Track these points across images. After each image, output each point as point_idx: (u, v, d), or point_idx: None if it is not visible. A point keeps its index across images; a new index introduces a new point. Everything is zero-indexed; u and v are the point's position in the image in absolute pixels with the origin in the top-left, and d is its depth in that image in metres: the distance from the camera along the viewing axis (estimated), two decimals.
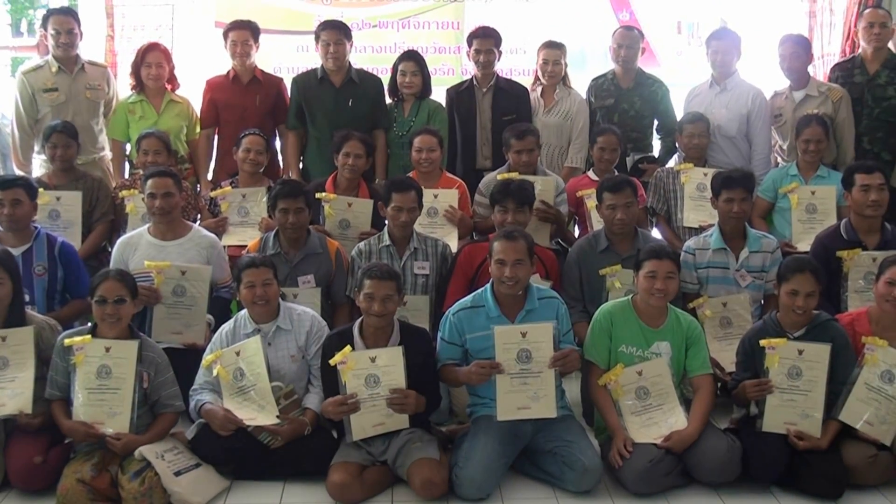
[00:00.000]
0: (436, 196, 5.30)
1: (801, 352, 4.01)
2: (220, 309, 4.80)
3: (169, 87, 5.96)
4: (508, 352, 3.96)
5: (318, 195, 5.14)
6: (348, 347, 3.96)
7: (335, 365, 3.94)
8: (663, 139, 6.16)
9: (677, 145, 5.82)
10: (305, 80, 5.91)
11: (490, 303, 4.10)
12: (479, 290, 4.20)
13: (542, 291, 4.22)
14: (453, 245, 5.13)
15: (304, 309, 4.32)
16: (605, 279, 4.74)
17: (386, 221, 4.94)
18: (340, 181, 5.37)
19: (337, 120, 5.75)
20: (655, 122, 6.16)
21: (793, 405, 4.01)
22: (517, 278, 4.03)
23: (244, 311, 4.28)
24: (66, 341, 3.97)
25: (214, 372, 4.12)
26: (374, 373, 3.96)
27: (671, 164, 5.97)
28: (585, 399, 4.51)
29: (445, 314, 4.21)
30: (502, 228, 4.32)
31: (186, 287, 4.64)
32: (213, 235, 4.95)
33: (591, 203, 5.23)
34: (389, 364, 3.96)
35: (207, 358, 4.18)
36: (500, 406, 3.96)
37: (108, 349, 3.95)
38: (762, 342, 4.05)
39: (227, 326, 4.29)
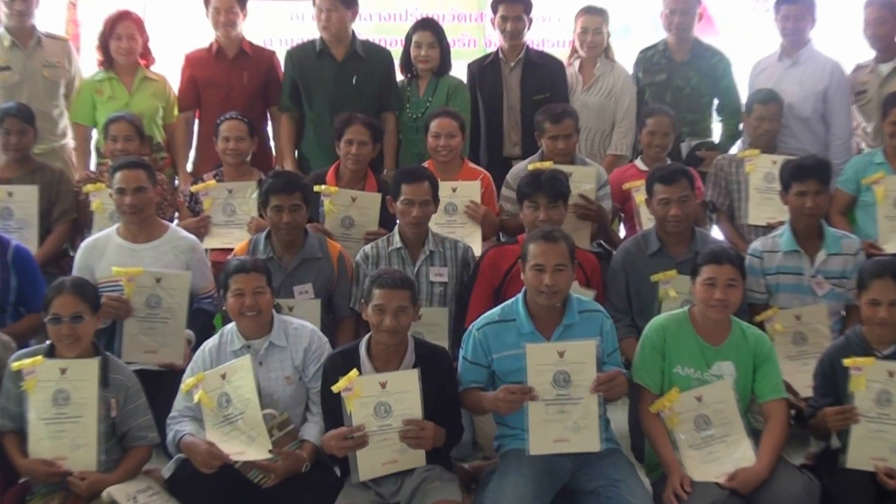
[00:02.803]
0: (455, 190, 5.32)
1: (892, 373, 3.97)
2: (202, 323, 4.80)
3: (142, 62, 6.01)
4: (543, 374, 3.94)
5: (316, 188, 5.17)
6: (354, 371, 3.95)
7: (339, 392, 3.94)
8: (725, 121, 6.17)
9: (742, 128, 5.82)
10: (301, 54, 5.93)
11: (522, 316, 4.10)
12: (509, 302, 4.19)
13: (584, 303, 4.20)
14: (476, 248, 5.14)
15: (301, 322, 4.34)
16: (657, 287, 4.73)
17: (397, 220, 4.96)
18: (343, 172, 5.40)
19: (338, 100, 5.78)
20: (715, 102, 6.17)
21: (882, 437, 3.96)
22: (557, 287, 4.03)
23: (231, 326, 4.28)
24: (14, 365, 3.97)
25: (196, 398, 4.10)
26: (384, 401, 3.95)
27: (734, 150, 5.96)
28: (634, 430, 4.50)
29: (468, 329, 4.20)
30: (538, 228, 4.32)
31: (162, 297, 4.63)
32: (193, 237, 4.96)
33: (639, 197, 5.22)
34: (403, 390, 3.95)
35: (188, 381, 4.16)
36: (532, 438, 3.93)
37: (63, 371, 3.96)
38: (845, 362, 4.01)
39: (210, 343, 4.27)
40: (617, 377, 3.98)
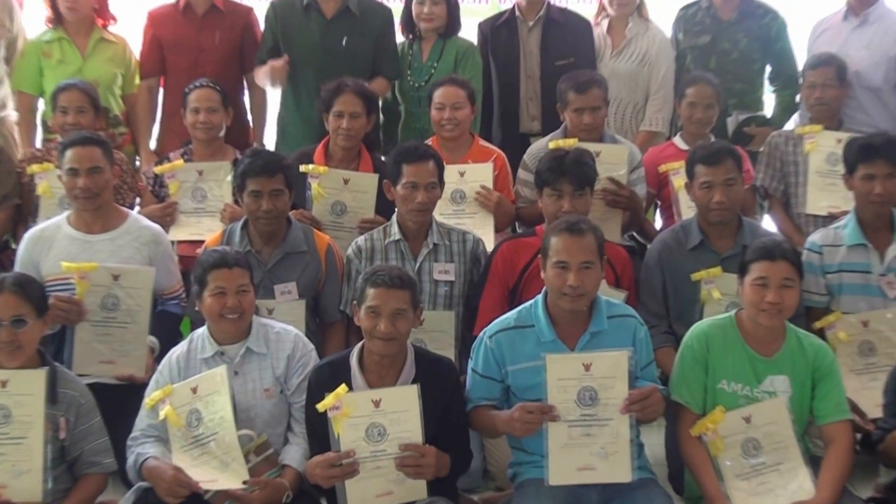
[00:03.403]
0: (463, 174, 5.34)
1: None
2: (167, 329, 4.83)
3: (99, 21, 5.99)
4: (566, 391, 3.93)
5: (302, 168, 5.20)
6: (343, 387, 3.93)
7: (325, 411, 3.94)
8: (779, 92, 6.19)
9: (799, 100, 5.82)
10: (285, 9, 5.94)
11: (542, 322, 4.09)
12: (527, 304, 4.19)
13: (614, 307, 4.19)
14: (488, 241, 5.14)
15: (283, 326, 4.36)
16: (699, 288, 4.74)
17: (396, 207, 4.95)
18: (333, 150, 5.43)
19: (327, 65, 5.81)
20: (768, 69, 6.18)
21: None
22: (584, 289, 4.01)
23: (201, 330, 4.30)
24: None
25: (161, 415, 4.10)
26: (378, 422, 3.93)
27: (790, 126, 5.97)
28: (672, 456, 4.49)
29: (479, 337, 4.21)
30: (561, 218, 4.31)
31: (120, 298, 4.63)
32: (157, 227, 4.97)
33: (678, 181, 5.25)
34: (400, 409, 3.93)
35: (153, 396, 4.16)
36: (552, 466, 3.91)
37: (3, 384, 3.94)
38: None
39: (177, 351, 4.29)
40: (652, 394, 3.95)
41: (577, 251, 4.03)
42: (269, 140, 6.27)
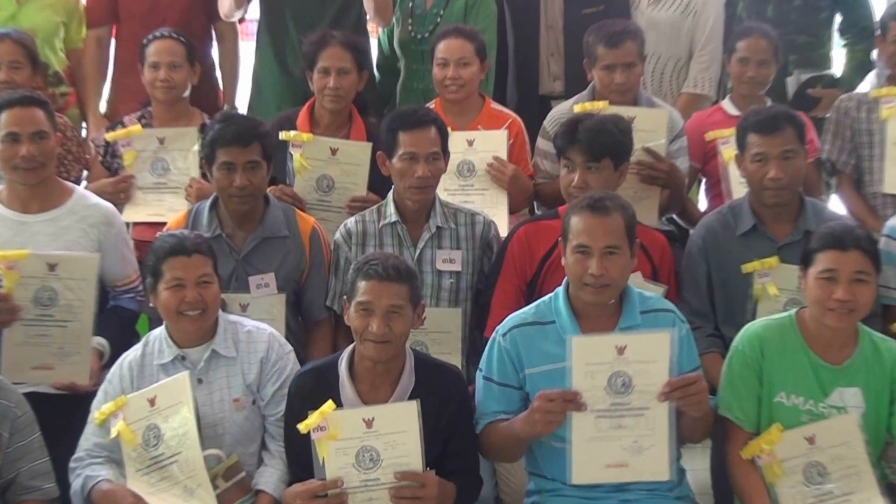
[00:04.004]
0: (472, 142, 5.33)
1: None
2: (121, 328, 4.84)
3: None
4: (594, 376, 3.91)
5: (283, 135, 5.23)
6: (329, 404, 3.91)
7: (308, 432, 3.93)
8: (850, 46, 6.22)
9: (875, 57, 5.82)
10: None
11: (564, 317, 4.09)
12: (547, 298, 4.19)
13: (649, 300, 4.20)
14: (502, 223, 5.16)
15: (255, 324, 4.37)
16: (751, 282, 4.73)
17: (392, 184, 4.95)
18: (319, 114, 5.47)
19: (308, 12, 5.86)
20: (837, 18, 6.19)
21: None
22: (608, 278, 3.99)
23: (159, 331, 4.30)
24: None
25: (113, 432, 4.10)
26: (371, 445, 3.92)
27: (864, 88, 5.97)
28: (720, 484, 4.47)
29: (492, 337, 4.20)
30: (584, 195, 4.28)
31: (58, 291, 4.60)
32: (108, 205, 4.96)
33: (727, 153, 5.23)
34: (397, 430, 3.92)
35: (103, 409, 4.16)
36: (576, 462, 3.93)
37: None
38: None
39: (130, 356, 4.29)
40: (697, 382, 3.92)
41: (600, 233, 4.02)
42: (243, 102, 6.32)
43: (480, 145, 5.32)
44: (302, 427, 3.90)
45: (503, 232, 5.04)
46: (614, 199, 4.15)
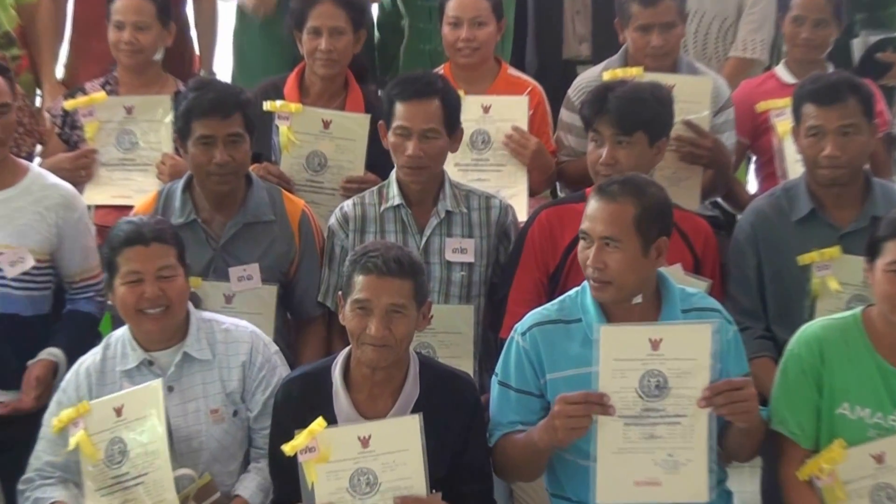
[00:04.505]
0: (488, 109, 5.34)
1: None
2: (80, 337, 4.78)
3: None
4: (624, 375, 3.88)
5: (268, 106, 5.24)
6: (319, 422, 3.90)
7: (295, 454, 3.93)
8: None
9: None
10: None
11: (591, 314, 4.09)
12: (573, 292, 4.20)
13: (690, 298, 4.20)
14: (521, 206, 5.20)
15: (235, 322, 4.39)
16: (809, 275, 4.73)
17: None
18: (310, 81, 5.49)
19: None
20: None
21: None
22: (608, 275, 4.00)
23: (121, 332, 4.32)
24: None
25: (72, 443, 4.09)
26: (367, 467, 3.91)
27: None
28: None
29: (509, 337, 4.20)
30: (601, 179, 4.38)
31: None
32: (69, 186, 4.96)
33: (782, 126, 5.23)
34: (397, 448, 3.91)
35: (62, 414, 4.16)
36: (601, 478, 3.90)
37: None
38: None
39: (87, 361, 4.31)
40: (744, 387, 3.88)
41: (598, 220, 4.03)
42: (223, 68, 6.36)
43: (498, 113, 5.32)
44: (287, 449, 3.89)
45: (522, 216, 5.06)
46: (632, 185, 4.12)
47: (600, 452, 3.89)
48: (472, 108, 5.17)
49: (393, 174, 4.92)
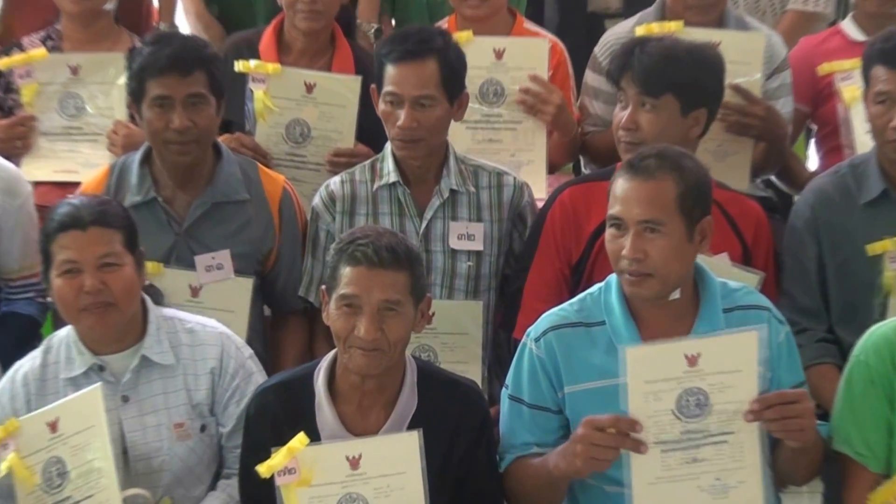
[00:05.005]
0: (501, 52, 5.32)
1: None
2: (19, 339, 4.83)
3: None
4: (659, 399, 3.83)
5: (240, 66, 5.25)
6: (300, 439, 3.84)
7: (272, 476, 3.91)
8: None
9: None
10: None
11: (617, 316, 4.05)
12: (595, 289, 4.17)
13: (735, 294, 4.15)
14: (539, 179, 5.23)
15: (200, 321, 4.39)
16: (879, 268, 4.70)
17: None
18: (290, 37, 5.50)
19: None
20: None
21: None
22: (649, 266, 3.93)
23: (66, 332, 4.30)
24: None
25: (3, 468, 4.05)
26: (357, 491, 3.86)
27: None
28: None
29: (521, 344, 4.16)
30: (624, 148, 4.45)
31: None
32: (11, 166, 5.05)
33: (848, 91, 5.21)
34: (392, 470, 3.87)
35: None
36: None
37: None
38: None
39: (25, 367, 4.30)
40: (800, 400, 3.82)
41: (634, 202, 3.97)
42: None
43: (513, 59, 5.30)
44: (263, 470, 3.86)
45: (539, 193, 5.06)
46: (669, 158, 4.08)
47: (636, 484, 3.85)
48: (482, 53, 5.18)
49: (387, 148, 4.92)
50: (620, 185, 3.99)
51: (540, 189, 5.09)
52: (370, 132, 5.17)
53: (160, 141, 4.73)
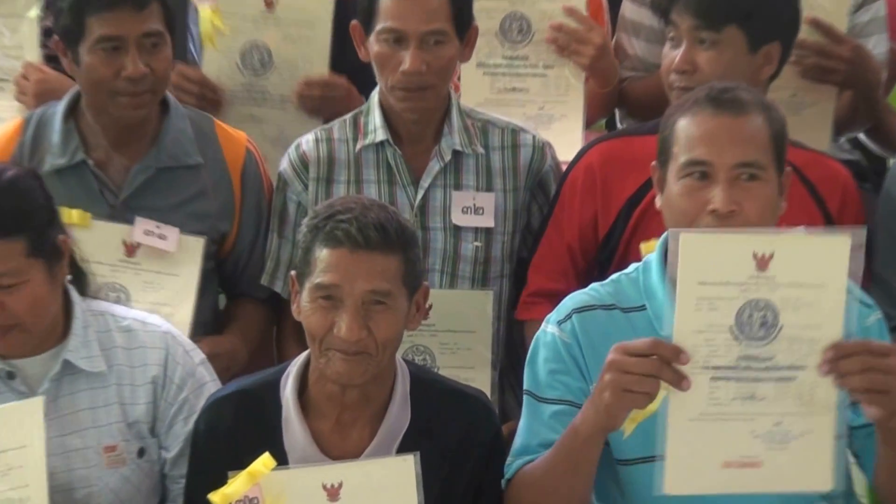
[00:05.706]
0: None
1: None
2: None
3: None
4: (714, 307, 3.64)
5: None
6: (265, 460, 3.77)
7: None
8: None
9: None
10: None
11: (661, 298, 3.97)
12: (632, 269, 4.15)
13: None
14: (574, 140, 5.20)
15: (140, 317, 4.37)
16: None
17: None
18: None
19: None
20: None
21: None
22: (745, 217, 3.87)
23: None
24: None
25: None
26: None
27: None
28: None
29: (540, 331, 4.13)
30: (703, 86, 4.16)
31: None
32: None
33: None
34: (381, 501, 3.85)
35: None
36: (671, 458, 3.67)
37: None
38: None
39: None
40: (890, 354, 3.62)
41: (728, 141, 3.88)
42: None
43: None
44: (217, 499, 3.80)
45: (572, 154, 4.97)
46: (754, 93, 4.06)
47: (672, 419, 3.67)
48: None
49: (374, 98, 4.89)
50: (701, 122, 3.90)
51: (575, 150, 4.99)
52: (352, 74, 5.23)
53: (106, 92, 4.67)
